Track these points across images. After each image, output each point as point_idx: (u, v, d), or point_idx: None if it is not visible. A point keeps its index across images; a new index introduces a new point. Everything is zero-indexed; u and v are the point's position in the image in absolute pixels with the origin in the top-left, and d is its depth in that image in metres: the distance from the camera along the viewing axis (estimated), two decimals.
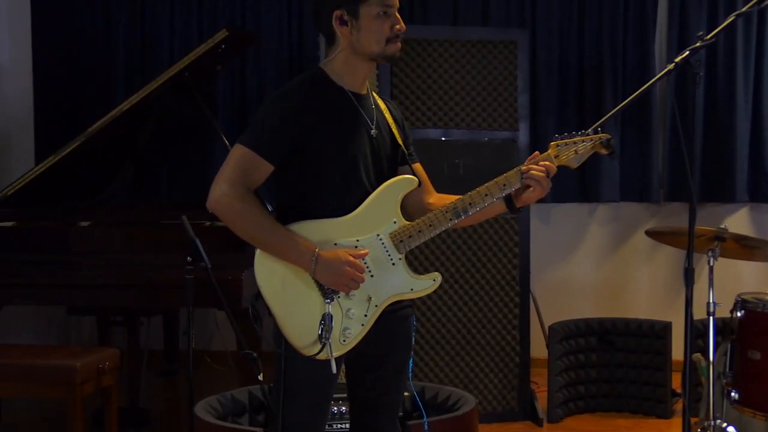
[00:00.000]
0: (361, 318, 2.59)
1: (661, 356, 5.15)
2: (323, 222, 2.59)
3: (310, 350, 2.53)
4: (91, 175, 5.19)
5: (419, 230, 2.62)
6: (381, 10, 2.58)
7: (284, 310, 2.56)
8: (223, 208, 2.53)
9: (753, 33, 5.97)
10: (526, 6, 6.17)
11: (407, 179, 2.67)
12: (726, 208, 6.03)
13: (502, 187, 2.60)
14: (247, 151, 2.54)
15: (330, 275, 2.52)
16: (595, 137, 2.67)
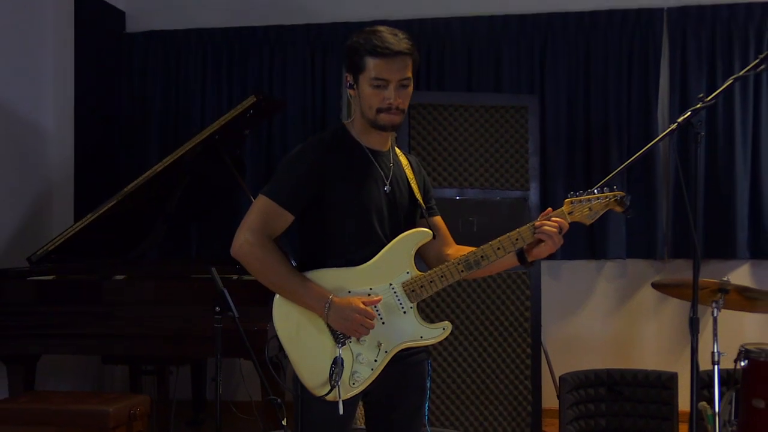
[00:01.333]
0: (371, 363, 2.61)
1: (668, 406, 5.09)
2: (339, 270, 2.63)
3: (320, 391, 2.56)
4: (125, 232, 5.23)
5: (431, 281, 2.64)
6: (373, 81, 2.61)
7: (298, 353, 2.59)
8: (245, 254, 2.59)
9: (750, 95, 5.97)
10: (535, 73, 6.22)
11: (421, 232, 2.70)
12: (728, 264, 5.99)
13: (515, 242, 2.62)
14: (269, 202, 2.60)
15: (342, 321, 2.56)
16: (609, 195, 2.69)
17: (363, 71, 2.62)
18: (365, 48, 2.61)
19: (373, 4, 6.42)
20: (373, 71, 2.60)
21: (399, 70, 2.62)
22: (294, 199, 2.61)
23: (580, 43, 6.21)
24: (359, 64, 2.62)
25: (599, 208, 2.70)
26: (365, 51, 2.61)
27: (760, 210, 5.94)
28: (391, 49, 2.59)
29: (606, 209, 2.71)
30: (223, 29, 6.61)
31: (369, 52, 2.60)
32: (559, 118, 6.18)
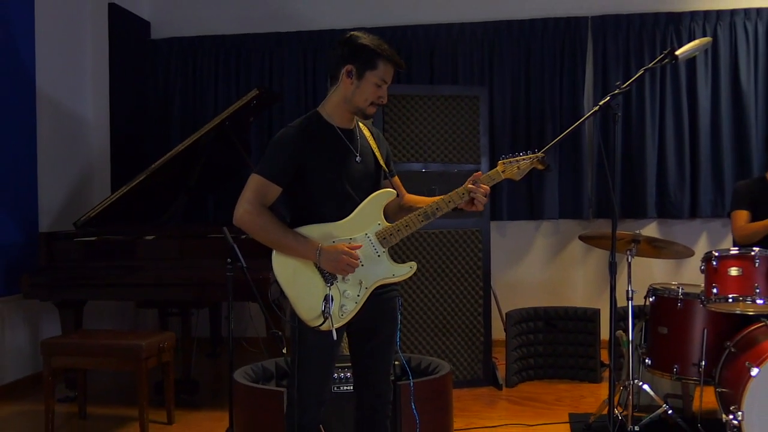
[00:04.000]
0: (354, 297, 2.64)
1: (592, 335, 5.16)
2: (323, 225, 2.65)
3: (316, 322, 2.59)
4: (153, 201, 5.21)
5: (398, 229, 2.68)
6: (380, 81, 2.64)
7: (295, 293, 2.61)
8: (246, 222, 2.59)
9: (657, 84, 6.01)
10: (485, 69, 6.22)
11: (388, 192, 2.74)
12: (639, 222, 6.04)
13: (461, 195, 2.67)
14: (261, 179, 2.60)
15: (332, 263, 2.58)
16: (533, 156, 2.73)
17: (374, 69, 2.62)
18: (382, 53, 2.62)
19: (351, 15, 6.39)
20: (383, 73, 2.63)
21: (392, 78, 2.68)
22: (281, 174, 2.61)
23: (522, 44, 6.21)
24: (373, 62, 2.62)
25: (525, 167, 2.73)
26: (381, 55, 2.62)
27: (666, 178, 6.00)
28: (400, 63, 2.67)
29: (531, 167, 2.75)
30: (232, 35, 6.57)
31: (385, 57, 2.63)
32: (505, 105, 6.19)
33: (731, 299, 3.62)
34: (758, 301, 3.57)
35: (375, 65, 2.62)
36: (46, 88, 5.50)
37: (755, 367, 3.25)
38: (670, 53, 3.37)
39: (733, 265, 3.65)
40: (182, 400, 4.65)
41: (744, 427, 3.23)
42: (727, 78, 5.94)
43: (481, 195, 2.65)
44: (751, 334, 3.63)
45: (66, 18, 5.80)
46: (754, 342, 3.54)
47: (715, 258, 3.71)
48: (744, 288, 3.59)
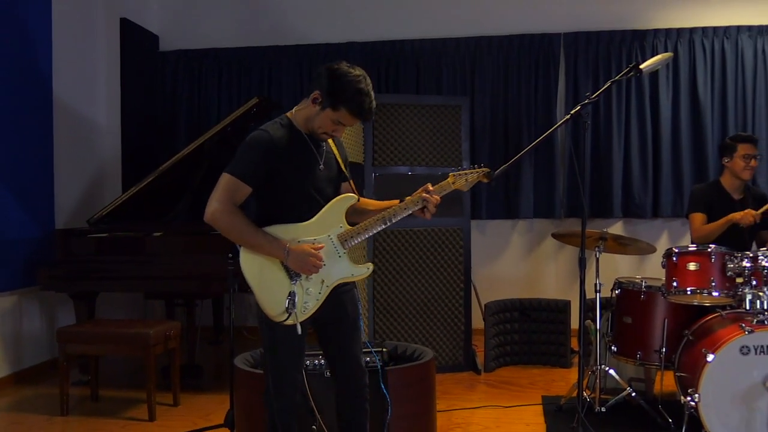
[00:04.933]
0: (316, 295, 2.60)
1: (563, 324, 5.17)
2: (289, 226, 2.59)
3: (280, 318, 2.53)
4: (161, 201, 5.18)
5: (358, 232, 2.66)
6: (337, 121, 2.58)
7: (261, 289, 2.54)
8: (216, 219, 2.52)
9: (623, 94, 6.03)
10: (467, 81, 6.23)
11: (349, 197, 2.72)
12: (607, 221, 6.06)
13: (416, 203, 2.65)
14: (232, 179, 2.52)
15: (298, 263, 2.53)
16: (479, 170, 2.73)
17: (335, 111, 2.55)
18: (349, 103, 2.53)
19: (344, 30, 6.38)
20: (341, 117, 2.56)
21: (352, 123, 2.62)
22: (253, 176, 2.53)
23: (500, 58, 6.22)
24: (336, 105, 2.54)
25: (472, 179, 2.73)
26: (348, 105, 2.53)
27: (630, 181, 6.03)
28: (364, 118, 2.60)
29: (477, 180, 2.75)
30: (234, 48, 6.55)
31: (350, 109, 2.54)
32: (485, 113, 6.20)
33: (689, 291, 3.64)
34: (714, 294, 3.60)
35: (337, 108, 2.54)
36: (63, 96, 5.47)
37: (711, 354, 3.27)
38: (635, 67, 3.39)
39: (691, 261, 3.67)
40: (187, 384, 4.63)
41: (700, 408, 3.24)
42: (686, 90, 5.97)
43: (432, 204, 2.64)
44: (707, 324, 3.65)
45: (81, 31, 5.76)
46: (710, 330, 3.56)
47: (675, 254, 3.73)
48: (701, 281, 3.62)
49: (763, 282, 3.50)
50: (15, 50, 4.97)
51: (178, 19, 6.72)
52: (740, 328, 3.29)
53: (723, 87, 5.93)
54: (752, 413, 3.21)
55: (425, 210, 2.65)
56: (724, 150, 4.32)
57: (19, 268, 4.96)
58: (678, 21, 6.05)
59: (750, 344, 3.24)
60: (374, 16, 6.42)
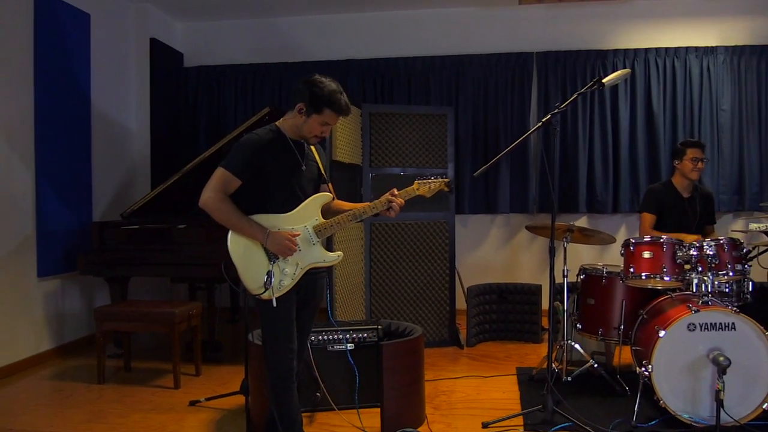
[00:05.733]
0: (291, 275, 2.66)
1: (535, 305, 5.17)
2: (272, 216, 2.66)
3: (258, 291, 2.60)
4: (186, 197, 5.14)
5: (331, 225, 2.73)
6: (323, 122, 2.65)
7: (243, 267, 2.61)
8: (209, 206, 2.60)
9: (588, 105, 6.02)
10: (452, 93, 6.20)
11: (326, 195, 2.79)
12: (573, 215, 6.07)
13: (383, 204, 2.74)
14: (226, 172, 2.60)
15: (276, 245, 2.60)
16: (441, 180, 2.82)
17: (319, 114, 2.63)
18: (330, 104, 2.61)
19: (345, 49, 6.35)
20: (326, 118, 2.64)
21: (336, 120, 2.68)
22: (243, 171, 2.60)
23: (481, 74, 6.20)
24: (319, 109, 2.62)
25: (435, 187, 2.82)
26: (329, 106, 2.61)
27: (594, 181, 6.02)
28: (345, 114, 2.67)
29: (439, 188, 2.82)
30: (249, 64, 6.51)
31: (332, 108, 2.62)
32: (467, 121, 6.17)
33: (644, 276, 3.65)
34: (665, 278, 3.60)
35: (320, 111, 2.62)
36: (100, 106, 5.44)
37: (662, 330, 3.28)
38: (598, 81, 3.39)
39: (645, 250, 3.67)
40: (208, 357, 4.63)
41: (653, 377, 3.25)
42: (642, 102, 5.97)
43: (396, 206, 2.72)
44: (659, 304, 3.66)
45: (115, 50, 5.73)
46: (661, 310, 3.57)
47: (632, 244, 3.73)
48: (654, 268, 3.62)
49: (707, 268, 3.51)
50: (60, 67, 4.95)
51: (199, 39, 6.69)
52: (688, 308, 3.29)
53: (673, 100, 5.93)
54: (697, 382, 3.22)
55: (390, 209, 2.73)
56: (676, 153, 4.33)
57: (61, 255, 4.94)
58: (635, 42, 6.05)
59: (696, 322, 3.25)
60: (371, 37, 6.40)
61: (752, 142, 5.85)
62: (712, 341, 3.22)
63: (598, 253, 5.94)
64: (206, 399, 3.80)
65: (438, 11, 6.30)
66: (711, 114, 5.89)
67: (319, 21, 6.49)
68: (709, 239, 3.61)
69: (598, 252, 5.94)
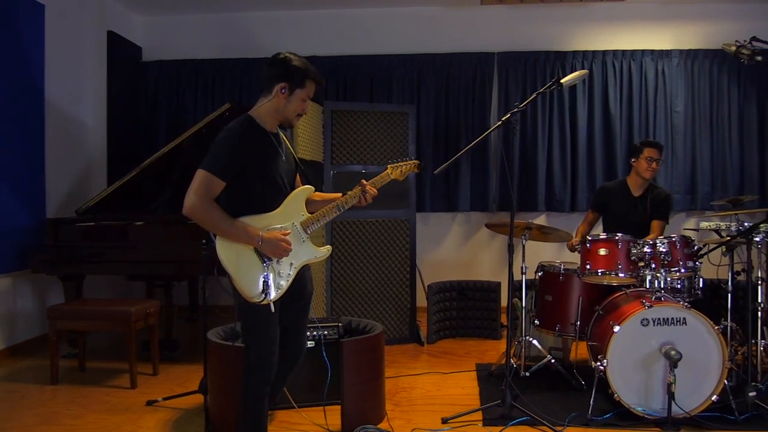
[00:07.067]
0: (286, 276, 2.59)
1: (494, 302, 5.23)
2: (260, 216, 2.55)
3: (257, 299, 2.49)
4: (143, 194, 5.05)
5: (318, 219, 2.67)
6: (305, 96, 2.60)
7: (238, 274, 2.49)
8: (194, 213, 2.45)
9: (547, 105, 6.10)
10: (414, 91, 6.21)
11: (308, 188, 2.72)
12: (532, 214, 6.14)
13: (362, 194, 2.71)
14: (207, 174, 2.45)
15: (271, 248, 2.51)
16: (411, 162, 2.87)
17: (302, 88, 2.57)
18: (310, 74, 2.58)
19: (309, 46, 6.31)
20: (309, 91, 2.59)
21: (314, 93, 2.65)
22: (226, 171, 2.46)
23: (443, 72, 6.22)
24: (302, 82, 2.56)
25: (407, 169, 2.84)
26: (309, 76, 2.58)
27: (552, 180, 6.10)
28: (321, 81, 2.64)
29: (410, 170, 2.86)
30: (209, 60, 6.42)
31: (312, 78, 2.58)
32: (429, 120, 6.20)
33: (600, 273, 3.72)
34: (620, 275, 3.68)
35: (303, 84, 2.57)
36: (54, 99, 5.28)
37: (617, 325, 3.34)
38: (557, 81, 3.43)
39: (601, 247, 3.74)
40: (165, 356, 4.55)
41: (608, 371, 3.32)
42: (599, 103, 6.08)
43: (369, 195, 2.70)
44: (614, 300, 3.73)
45: (71, 42, 5.57)
46: (616, 306, 3.64)
47: (588, 241, 3.80)
48: (610, 264, 3.69)
49: (660, 265, 3.60)
50: (11, 59, 4.79)
51: (159, 33, 6.55)
52: (641, 304, 3.37)
53: (629, 101, 6.06)
54: (650, 375, 3.30)
55: (361, 200, 2.71)
56: (633, 151, 4.40)
57: (14, 253, 4.78)
58: (593, 44, 6.16)
59: (649, 317, 3.32)
60: (334, 34, 6.37)
61: (704, 144, 6.02)
62: (665, 336, 3.30)
63: (557, 250, 6.03)
64: (164, 398, 3.73)
65: (401, 10, 6.31)
66: (665, 115, 6.03)
67: (281, 17, 6.43)
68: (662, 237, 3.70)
69: (556, 249, 6.03)
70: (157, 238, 4.50)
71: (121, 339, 4.91)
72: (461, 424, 3.32)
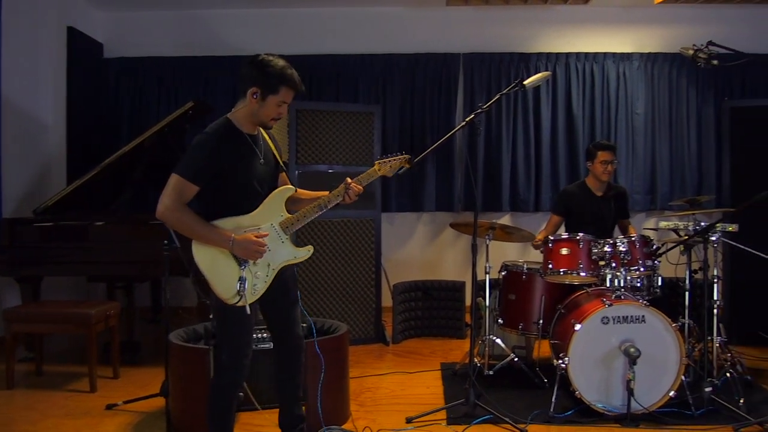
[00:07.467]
0: (264, 277, 2.57)
1: (459, 302, 5.27)
2: (235, 218, 2.54)
3: (232, 301, 2.48)
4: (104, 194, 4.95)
5: (298, 219, 2.64)
6: (280, 102, 2.55)
7: (214, 276, 2.48)
8: (167, 218, 2.45)
9: (511, 106, 6.15)
10: (379, 91, 6.21)
11: (288, 188, 2.69)
12: (496, 214, 6.17)
13: (345, 191, 2.65)
14: (181, 179, 2.44)
15: (243, 250, 2.49)
16: (401, 157, 2.76)
17: (275, 94, 2.52)
18: (284, 81, 2.52)
19: (274, 44, 6.24)
20: (283, 97, 2.54)
21: (292, 98, 2.59)
22: (199, 176, 2.45)
23: (408, 73, 6.23)
24: (275, 88, 2.52)
25: (396, 165, 2.75)
26: (283, 83, 2.52)
27: (517, 180, 6.16)
28: (299, 89, 2.58)
29: (400, 165, 2.77)
30: (173, 57, 6.31)
31: (287, 84, 2.53)
32: (394, 120, 6.19)
33: (562, 272, 3.76)
34: (581, 274, 3.73)
35: (277, 90, 2.52)
36: (11, 96, 5.14)
37: (578, 324, 3.39)
38: (519, 83, 3.46)
39: (563, 247, 3.79)
40: (126, 359, 4.46)
41: (569, 369, 3.36)
42: (562, 104, 6.16)
43: (353, 193, 2.65)
44: (576, 299, 3.78)
45: (29, 37, 5.42)
46: (578, 305, 3.69)
47: (551, 241, 3.85)
48: (571, 264, 3.74)
49: (620, 264, 3.66)
50: None
51: (121, 30, 6.42)
52: (602, 302, 3.42)
53: (592, 102, 6.15)
54: (610, 372, 3.35)
55: (345, 198, 2.66)
56: (588, 155, 4.46)
57: None
58: (557, 47, 6.24)
59: (609, 315, 3.38)
60: (299, 33, 6.33)
61: (663, 145, 6.14)
62: (624, 333, 3.36)
63: (521, 250, 6.09)
64: (124, 402, 3.66)
65: (367, 10, 6.30)
66: (626, 117, 6.14)
67: (246, 15, 6.36)
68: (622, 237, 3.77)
69: (520, 249, 6.09)
70: (118, 239, 4.41)
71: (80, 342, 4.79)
72: (425, 424, 3.32)
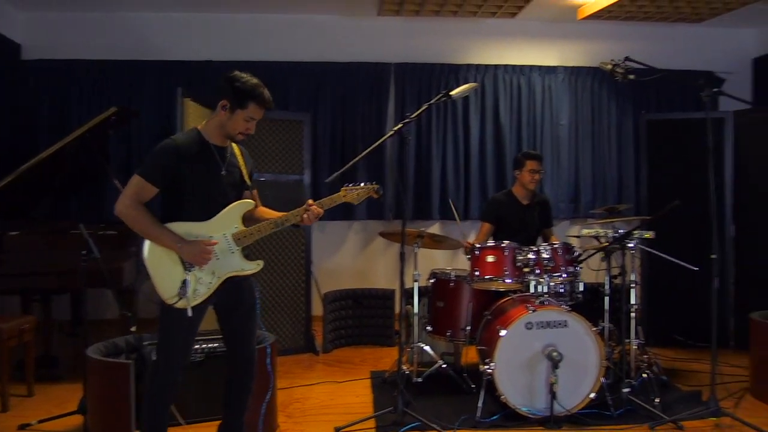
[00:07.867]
0: (207, 284, 2.63)
1: (389, 310, 5.29)
2: (189, 224, 2.62)
3: (172, 301, 2.56)
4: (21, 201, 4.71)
5: (251, 233, 2.70)
6: (248, 117, 2.64)
7: (158, 275, 2.56)
8: (125, 215, 2.55)
9: (441, 116, 6.21)
10: (310, 99, 6.14)
11: (247, 203, 2.75)
12: (426, 222, 6.20)
13: (304, 211, 2.72)
14: (141, 180, 2.55)
15: (189, 255, 2.57)
16: (369, 187, 2.86)
17: (244, 109, 2.61)
18: (253, 98, 2.59)
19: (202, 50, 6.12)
20: (251, 113, 2.62)
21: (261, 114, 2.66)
22: (158, 178, 2.56)
23: (340, 81, 6.21)
24: (244, 104, 2.60)
25: (363, 194, 2.85)
26: (252, 100, 2.59)
27: (446, 188, 6.22)
28: (269, 107, 2.65)
29: (367, 195, 2.85)
30: (96, 60, 6.06)
31: (255, 101, 2.60)
32: (326, 128, 6.14)
33: (488, 279, 3.84)
34: (507, 281, 3.81)
35: (245, 106, 2.60)
36: None
37: (503, 329, 3.46)
38: (446, 93, 3.53)
39: (489, 254, 3.87)
40: (43, 375, 4.25)
41: (495, 374, 3.42)
42: (490, 114, 6.28)
43: (312, 215, 2.71)
44: (502, 305, 3.86)
45: None
46: (503, 311, 3.77)
47: (477, 249, 3.92)
48: (497, 271, 3.82)
49: (544, 270, 3.76)
50: None
51: (42, 31, 6.12)
52: (526, 308, 3.51)
53: (519, 113, 6.31)
54: (534, 375, 3.44)
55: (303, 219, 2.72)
56: (516, 164, 4.58)
57: None
58: (485, 59, 6.38)
59: (533, 320, 3.46)
60: (230, 39, 6.22)
61: (586, 155, 6.37)
62: (547, 338, 3.45)
63: (450, 257, 6.17)
64: (39, 421, 3.48)
65: (299, 17, 6.26)
66: (551, 128, 6.34)
67: (174, 19, 6.21)
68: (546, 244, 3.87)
69: (450, 257, 6.16)
70: (35, 249, 4.20)
71: None
72: None
